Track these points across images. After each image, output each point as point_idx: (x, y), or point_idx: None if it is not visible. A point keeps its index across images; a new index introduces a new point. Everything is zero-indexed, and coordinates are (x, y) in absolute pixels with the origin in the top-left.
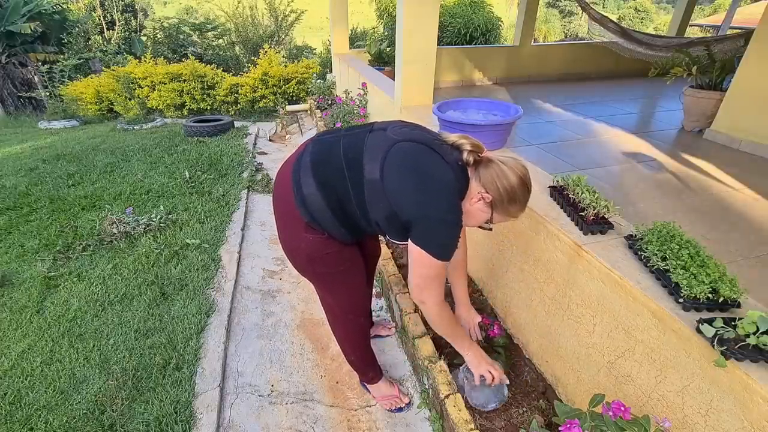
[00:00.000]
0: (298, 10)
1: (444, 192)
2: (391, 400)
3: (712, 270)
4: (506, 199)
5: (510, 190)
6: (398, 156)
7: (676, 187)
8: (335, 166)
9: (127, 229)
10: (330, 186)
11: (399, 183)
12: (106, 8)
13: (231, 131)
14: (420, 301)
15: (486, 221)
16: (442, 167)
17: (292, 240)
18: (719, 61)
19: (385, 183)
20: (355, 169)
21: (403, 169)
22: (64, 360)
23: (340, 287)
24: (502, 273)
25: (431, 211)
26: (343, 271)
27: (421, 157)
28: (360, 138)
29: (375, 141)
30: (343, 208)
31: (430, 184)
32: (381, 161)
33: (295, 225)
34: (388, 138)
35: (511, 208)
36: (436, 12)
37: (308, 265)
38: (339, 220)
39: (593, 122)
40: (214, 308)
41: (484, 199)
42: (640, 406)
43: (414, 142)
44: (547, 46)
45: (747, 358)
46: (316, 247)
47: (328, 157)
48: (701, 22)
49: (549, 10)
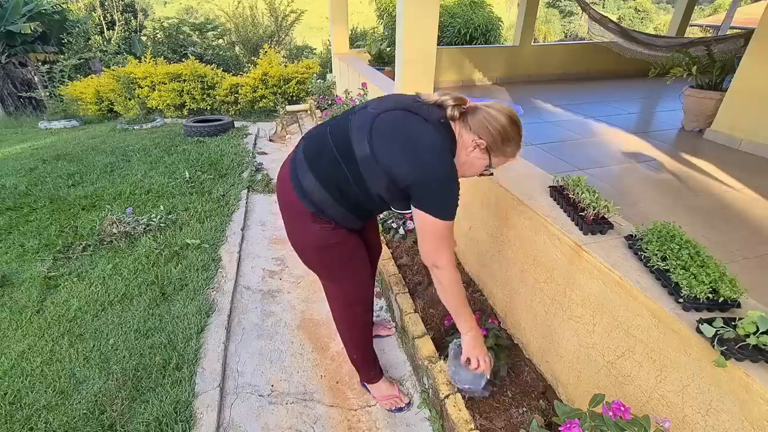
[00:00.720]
0: (298, 10)
1: (433, 152)
2: (391, 400)
3: (712, 270)
4: (500, 140)
5: (502, 130)
6: (382, 127)
7: (676, 187)
8: (328, 157)
9: (127, 229)
10: (328, 176)
11: (389, 153)
12: (106, 8)
13: (231, 131)
14: (433, 264)
15: (485, 167)
16: (426, 128)
17: (300, 233)
18: (719, 61)
19: (376, 156)
20: (346, 153)
21: (390, 138)
22: (64, 360)
23: (346, 277)
24: (502, 273)
25: (425, 173)
26: (349, 261)
27: (404, 123)
28: (344, 123)
29: (359, 121)
30: (345, 193)
31: (418, 147)
32: (367, 137)
33: (302, 218)
34: (369, 114)
35: (507, 148)
36: (436, 12)
37: (317, 256)
38: (343, 207)
39: (593, 122)
40: (214, 308)
41: (479, 145)
42: (640, 406)
43: (394, 110)
44: (547, 46)
45: (747, 358)
46: (324, 236)
47: (320, 149)
48: (701, 22)
49: (549, 10)
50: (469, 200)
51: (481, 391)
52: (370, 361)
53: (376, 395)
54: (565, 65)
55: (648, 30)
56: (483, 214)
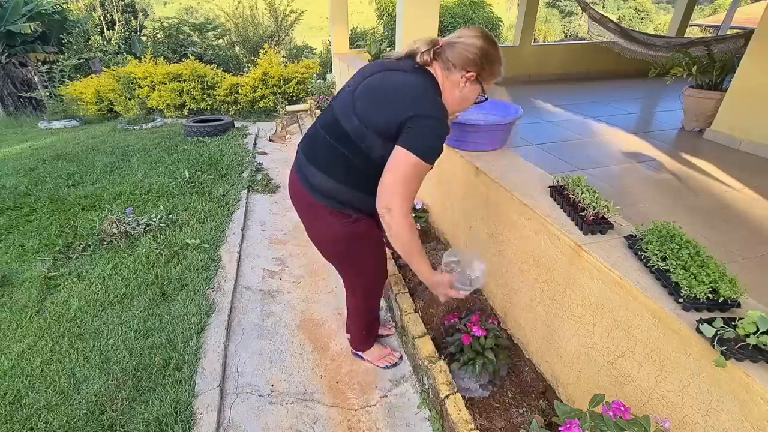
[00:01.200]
0: (298, 10)
1: (415, 91)
2: (385, 359)
3: (712, 270)
4: (487, 65)
5: (484, 53)
6: (363, 95)
7: (676, 187)
8: (325, 146)
9: (127, 229)
10: (329, 164)
11: (375, 111)
12: (106, 8)
13: (231, 131)
14: (385, 206)
15: (479, 95)
16: (404, 76)
17: (322, 230)
18: (719, 61)
19: (364, 123)
20: (339, 136)
21: (372, 99)
22: (64, 360)
23: (368, 270)
24: (502, 273)
25: (411, 109)
26: (373, 251)
27: (381, 82)
28: (329, 112)
29: (341, 103)
30: (353, 174)
31: (400, 92)
32: (352, 111)
33: (323, 216)
34: (348, 92)
35: (494, 68)
36: (436, 12)
37: (341, 249)
38: (356, 188)
39: (593, 122)
40: (214, 308)
41: (470, 78)
42: (640, 406)
43: (369, 77)
44: (547, 46)
45: (747, 358)
46: (346, 229)
47: (315, 143)
48: (701, 22)
49: (549, 10)
50: (469, 200)
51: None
52: (371, 336)
53: (370, 358)
54: (565, 65)
55: (648, 30)
56: (483, 214)
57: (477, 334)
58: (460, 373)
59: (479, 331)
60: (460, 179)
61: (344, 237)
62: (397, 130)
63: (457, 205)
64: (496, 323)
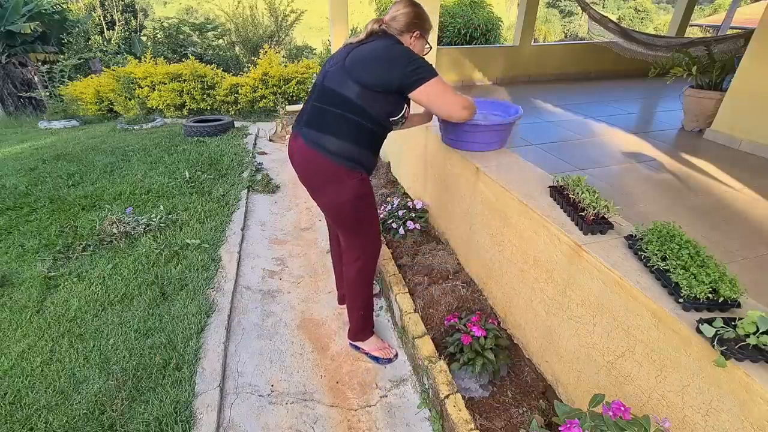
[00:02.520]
0: (298, 10)
1: (394, 48)
2: (384, 351)
3: (712, 270)
4: (421, 22)
5: (417, 15)
6: (356, 65)
7: (676, 187)
8: (330, 115)
9: (127, 229)
10: (337, 128)
11: (374, 72)
12: (106, 8)
13: (231, 131)
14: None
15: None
16: (386, 42)
17: (341, 192)
18: (719, 61)
19: (366, 85)
20: (343, 102)
21: (366, 64)
22: (64, 360)
23: (372, 229)
24: (502, 273)
25: (404, 60)
26: (374, 210)
27: (363, 52)
28: (321, 87)
29: (334, 76)
30: (362, 133)
31: (385, 53)
32: (350, 80)
33: (337, 177)
34: (337, 70)
35: (427, 23)
36: (436, 12)
37: (354, 209)
38: (363, 146)
39: (593, 122)
40: (214, 308)
41: (416, 36)
42: (640, 406)
43: (351, 52)
44: (547, 46)
45: (747, 358)
46: (358, 187)
47: (320, 116)
48: (701, 22)
49: (549, 10)
50: (469, 200)
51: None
52: (371, 315)
53: (368, 348)
54: (565, 65)
55: (648, 30)
56: (483, 214)
57: (477, 334)
58: (460, 373)
59: (479, 331)
60: (460, 179)
61: (359, 194)
62: (400, 82)
63: (457, 205)
64: (496, 323)
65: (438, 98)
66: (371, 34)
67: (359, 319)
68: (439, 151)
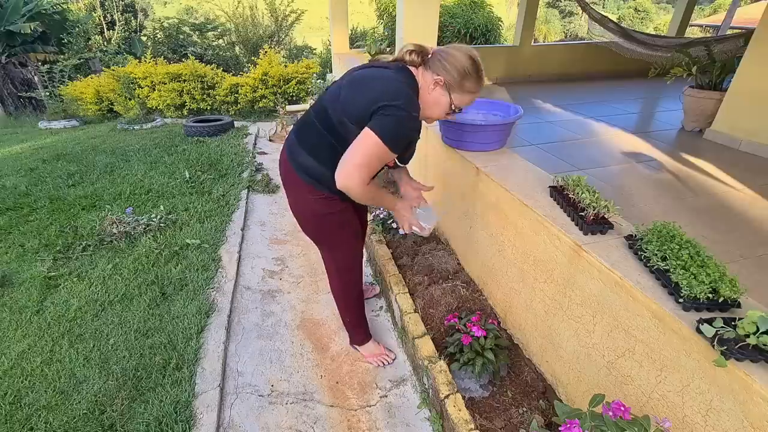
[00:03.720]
0: (298, 10)
1: (389, 83)
2: (379, 358)
3: (712, 270)
4: (458, 77)
5: (459, 66)
6: (346, 86)
7: (676, 187)
8: (314, 131)
9: (127, 229)
10: (317, 147)
11: (352, 100)
12: (106, 8)
13: (231, 131)
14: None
15: (449, 105)
16: (383, 71)
17: (300, 204)
18: (719, 61)
19: (347, 113)
20: (327, 124)
21: (352, 90)
22: (64, 360)
23: (340, 245)
24: (502, 273)
25: (386, 100)
26: (342, 229)
27: (361, 75)
28: (321, 99)
29: (330, 95)
30: (334, 156)
31: (381, 83)
32: (338, 102)
33: (301, 191)
34: (336, 85)
35: (465, 83)
36: (436, 12)
37: (314, 224)
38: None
39: (593, 122)
40: (214, 308)
41: (438, 82)
42: (640, 406)
43: (355, 72)
44: (547, 46)
45: (747, 358)
46: (319, 206)
47: (306, 127)
48: (701, 22)
49: (549, 10)
50: (469, 200)
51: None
52: (361, 323)
53: (365, 353)
54: (565, 65)
55: (648, 30)
56: (483, 214)
57: (477, 335)
58: (460, 373)
59: (479, 331)
60: (460, 179)
61: (319, 211)
62: (370, 118)
63: (457, 205)
64: (496, 323)
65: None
66: (395, 61)
67: (348, 326)
68: (439, 151)
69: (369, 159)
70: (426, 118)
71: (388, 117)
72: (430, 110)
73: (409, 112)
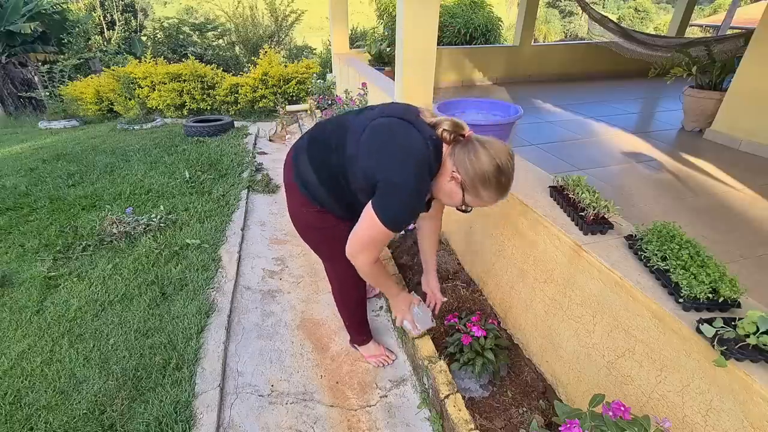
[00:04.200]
0: (298, 11)
1: (408, 158)
2: (379, 358)
3: (712, 270)
4: (477, 183)
5: (480, 174)
6: (374, 129)
7: (676, 187)
8: (325, 146)
9: (127, 229)
10: (322, 164)
11: (367, 151)
12: (106, 8)
13: (231, 131)
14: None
15: (461, 202)
16: (414, 138)
17: (294, 212)
18: (719, 61)
19: (359, 156)
20: (340, 148)
21: (375, 138)
22: (64, 360)
23: (335, 258)
24: (502, 273)
25: (392, 173)
26: (336, 245)
27: (394, 128)
28: (348, 120)
29: (358, 123)
30: (335, 184)
31: (396, 149)
32: (359, 137)
33: (295, 199)
34: (371, 116)
35: (483, 192)
36: (436, 12)
37: (306, 235)
38: (332, 196)
39: (593, 122)
40: (214, 308)
41: (455, 179)
42: (640, 406)
43: (391, 117)
44: (547, 46)
45: (747, 358)
46: (311, 219)
47: (322, 138)
48: (701, 22)
49: (549, 10)
50: None
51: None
52: (362, 326)
53: (366, 354)
54: (565, 65)
55: (648, 30)
56: (483, 213)
57: (477, 335)
58: (460, 373)
59: (479, 331)
60: None
61: (312, 224)
62: (373, 183)
63: None
64: (496, 323)
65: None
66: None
67: (347, 327)
68: None
69: (372, 240)
70: (438, 199)
71: (393, 198)
72: (442, 196)
73: (413, 189)
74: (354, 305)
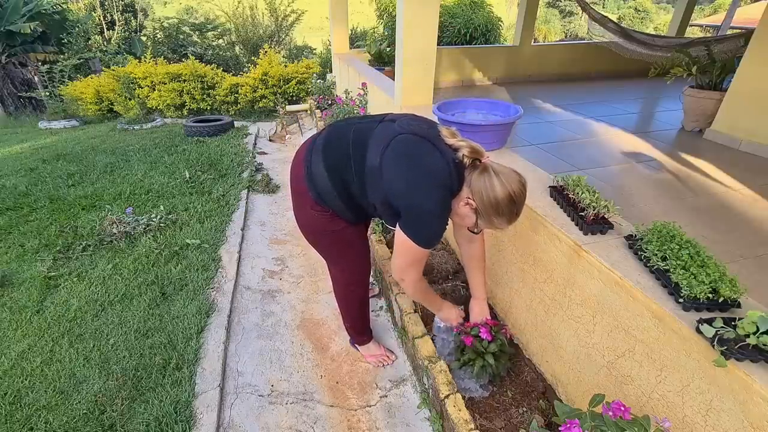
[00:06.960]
0: (299, 11)
1: (434, 184)
2: (379, 358)
3: (712, 270)
4: (490, 211)
5: (494, 204)
6: (398, 146)
7: (676, 187)
8: (343, 152)
9: (127, 229)
10: (336, 168)
11: (394, 171)
12: (106, 8)
13: (231, 131)
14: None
15: (474, 225)
16: (438, 161)
17: (302, 215)
18: (719, 61)
19: (382, 171)
20: (359, 156)
21: (400, 158)
22: (64, 360)
23: (344, 262)
24: (502, 273)
25: (419, 200)
26: (347, 248)
27: (419, 149)
28: (370, 128)
29: (382, 132)
30: (347, 189)
31: (422, 174)
32: (382, 150)
33: (305, 202)
34: (394, 130)
35: (496, 220)
36: (436, 12)
37: (314, 239)
38: (343, 200)
39: (593, 122)
40: (214, 308)
41: (470, 204)
42: (640, 406)
43: (416, 135)
44: (547, 46)
45: (747, 358)
46: (321, 222)
47: (338, 142)
48: (701, 22)
49: (549, 10)
50: None
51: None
52: (363, 328)
53: (366, 354)
54: (565, 65)
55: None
56: None
57: (483, 336)
58: (460, 373)
59: (486, 334)
60: None
61: (320, 228)
62: (398, 206)
63: None
64: (508, 336)
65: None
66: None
67: (348, 329)
68: None
69: (414, 260)
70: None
71: (422, 223)
72: (455, 217)
73: (438, 217)
74: (359, 305)
